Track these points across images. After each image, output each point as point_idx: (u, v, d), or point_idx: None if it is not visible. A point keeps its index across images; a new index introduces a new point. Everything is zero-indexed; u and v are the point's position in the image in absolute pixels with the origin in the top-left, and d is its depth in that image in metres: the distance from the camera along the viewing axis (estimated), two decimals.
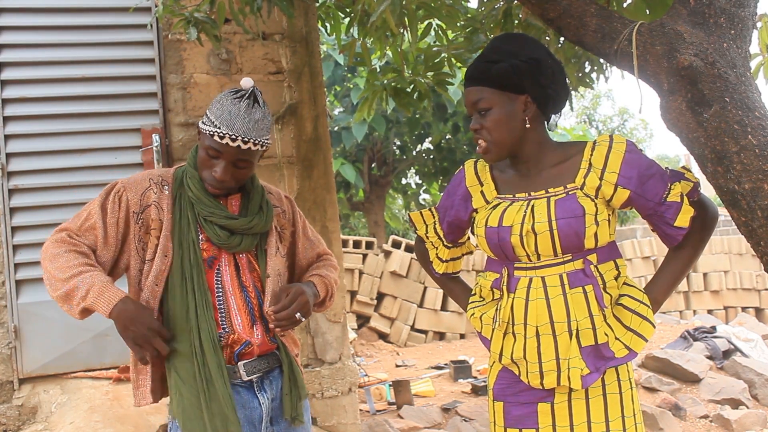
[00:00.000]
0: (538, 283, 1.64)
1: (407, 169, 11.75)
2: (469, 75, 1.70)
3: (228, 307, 1.78)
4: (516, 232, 1.64)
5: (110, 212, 1.75)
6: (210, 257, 1.79)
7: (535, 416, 1.65)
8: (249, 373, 1.79)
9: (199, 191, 1.78)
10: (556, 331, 1.61)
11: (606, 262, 1.66)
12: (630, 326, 1.64)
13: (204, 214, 1.78)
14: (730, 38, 1.65)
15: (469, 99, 1.69)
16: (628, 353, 1.63)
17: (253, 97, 1.74)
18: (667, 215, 1.63)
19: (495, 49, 1.68)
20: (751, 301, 11.66)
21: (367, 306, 8.41)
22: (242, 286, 1.81)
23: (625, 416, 1.64)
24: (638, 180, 1.63)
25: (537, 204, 1.65)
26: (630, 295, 1.67)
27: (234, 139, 1.71)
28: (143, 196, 1.78)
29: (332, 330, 3.79)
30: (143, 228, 1.77)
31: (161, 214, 1.77)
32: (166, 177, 1.83)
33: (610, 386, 1.64)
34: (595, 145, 1.68)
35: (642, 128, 22.76)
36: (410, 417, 4.76)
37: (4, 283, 3.33)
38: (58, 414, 3.19)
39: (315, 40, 3.90)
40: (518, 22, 2.96)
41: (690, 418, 5.23)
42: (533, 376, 1.63)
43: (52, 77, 3.47)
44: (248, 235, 1.82)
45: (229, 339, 1.77)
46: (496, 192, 1.76)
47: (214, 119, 1.73)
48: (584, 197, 1.63)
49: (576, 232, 1.60)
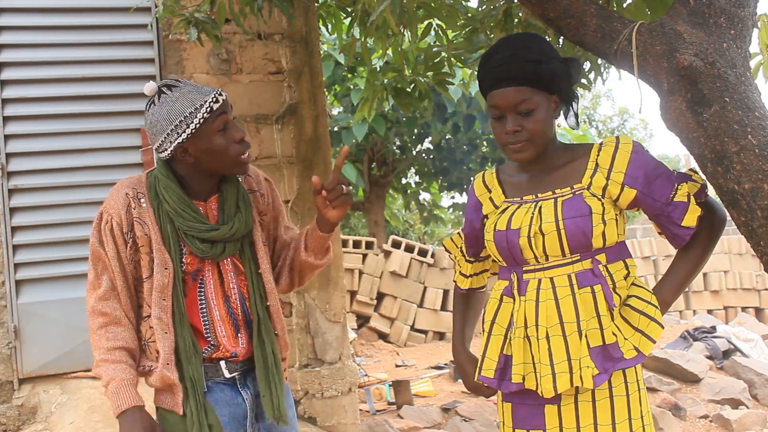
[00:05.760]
0: (547, 284, 1.64)
1: (407, 169, 11.74)
2: (508, 75, 1.62)
3: (212, 319, 1.77)
4: (524, 234, 1.64)
5: (109, 248, 1.72)
6: (195, 270, 1.76)
7: (543, 417, 1.65)
8: (231, 370, 1.79)
9: (176, 203, 1.72)
10: (567, 332, 1.60)
11: (615, 261, 1.66)
12: (638, 327, 1.63)
13: (184, 228, 1.72)
14: (730, 38, 1.65)
15: (510, 100, 1.62)
16: (636, 355, 1.62)
17: (162, 90, 1.73)
18: (674, 215, 1.63)
19: (527, 49, 1.64)
20: (751, 301, 11.65)
21: (367, 306, 8.41)
22: (225, 295, 1.79)
23: (632, 418, 1.63)
24: (645, 180, 1.63)
25: (544, 205, 1.65)
26: (638, 296, 1.66)
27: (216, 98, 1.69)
28: (127, 213, 1.72)
29: (332, 330, 3.79)
30: (133, 246, 1.73)
31: (146, 229, 1.72)
32: (139, 188, 1.76)
33: (617, 388, 1.63)
34: (602, 146, 1.68)
35: (642, 128, 22.77)
36: (410, 417, 4.76)
37: (4, 283, 3.33)
38: (58, 414, 3.19)
39: (315, 40, 3.90)
40: (518, 21, 2.95)
41: (690, 418, 5.23)
42: (545, 380, 1.61)
43: (52, 77, 3.47)
44: (231, 242, 1.77)
45: (214, 354, 1.77)
46: (504, 196, 1.76)
47: (186, 110, 1.67)
48: (591, 197, 1.63)
49: (583, 232, 1.60)
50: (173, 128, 1.68)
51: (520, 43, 1.67)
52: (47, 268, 3.40)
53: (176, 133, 1.68)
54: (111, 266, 1.72)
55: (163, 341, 1.71)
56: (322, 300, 3.76)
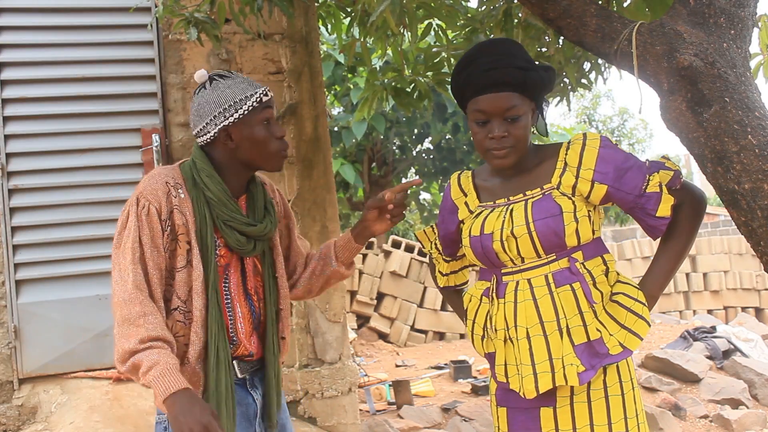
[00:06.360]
0: (525, 285, 1.65)
1: (407, 169, 11.74)
2: (498, 80, 1.62)
3: (235, 315, 1.77)
4: (497, 238, 1.65)
5: (145, 234, 1.64)
6: (225, 264, 1.76)
7: (538, 421, 1.65)
8: (243, 371, 1.79)
9: (220, 192, 1.71)
10: (547, 331, 1.61)
11: (593, 258, 1.66)
12: (624, 324, 1.64)
13: (224, 218, 1.71)
14: (730, 38, 1.65)
15: (501, 105, 1.62)
16: (622, 351, 1.62)
17: (214, 78, 1.76)
18: (648, 206, 1.63)
19: (513, 56, 1.64)
20: (751, 301, 11.66)
21: (367, 306, 8.41)
22: (247, 292, 1.80)
23: (627, 417, 1.64)
24: (615, 174, 1.63)
25: (515, 208, 1.67)
26: (625, 293, 1.67)
27: (266, 92, 1.75)
28: (167, 200, 1.68)
29: (332, 330, 3.79)
30: (170, 235, 1.67)
31: (185, 219, 1.69)
32: (177, 177, 1.73)
33: (612, 388, 1.64)
34: (570, 145, 1.69)
35: (642, 128, 22.74)
36: (410, 417, 4.76)
37: (4, 283, 3.33)
38: (58, 414, 3.19)
39: (315, 40, 3.90)
40: (518, 21, 2.96)
41: (690, 418, 5.23)
42: (527, 381, 1.61)
43: (52, 77, 3.47)
44: (261, 240, 1.79)
45: (237, 350, 1.77)
46: (479, 201, 1.77)
47: (237, 97, 1.71)
48: (561, 196, 1.64)
49: (555, 231, 1.61)
50: (221, 111, 1.70)
51: (503, 49, 1.66)
52: (47, 268, 3.40)
53: (223, 116, 1.71)
54: (146, 253, 1.64)
55: (196, 336, 1.68)
56: (322, 300, 3.76)
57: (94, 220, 3.44)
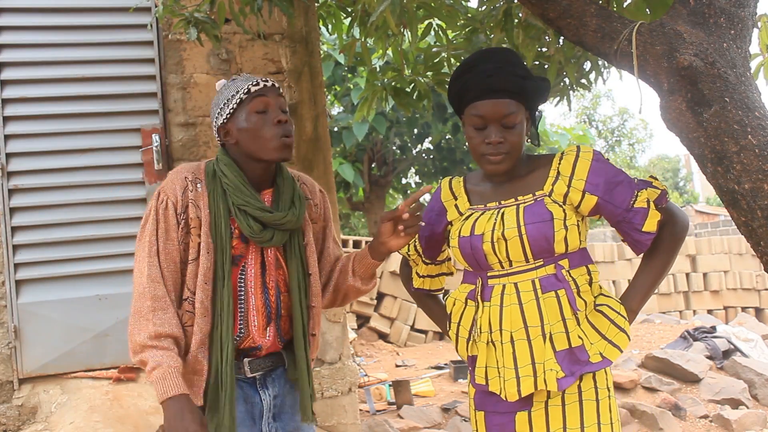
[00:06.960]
0: (512, 290, 1.66)
1: (407, 169, 11.76)
2: (499, 87, 1.64)
3: (248, 307, 1.78)
4: (487, 240, 1.67)
5: (161, 227, 1.73)
6: (238, 255, 1.78)
7: (513, 425, 1.67)
8: (253, 370, 1.80)
9: (236, 178, 1.75)
10: (531, 336, 1.63)
11: (578, 267, 1.69)
12: (606, 335, 1.66)
13: (239, 203, 1.74)
14: (730, 38, 1.65)
15: (499, 111, 1.65)
16: (602, 360, 1.64)
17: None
18: (635, 221, 1.66)
19: (512, 64, 1.68)
20: (751, 301, 11.65)
21: (367, 306, 8.41)
22: (264, 285, 1.80)
23: (601, 423, 1.65)
24: (605, 187, 1.66)
25: (507, 211, 1.69)
26: (609, 306, 1.70)
27: (258, 82, 1.77)
28: (183, 195, 1.75)
29: (332, 330, 3.79)
30: (185, 228, 1.74)
31: (199, 212, 1.75)
32: (198, 173, 1.80)
33: (587, 393, 1.65)
34: (564, 155, 1.72)
35: (642, 128, 22.77)
36: (410, 417, 4.76)
37: (4, 283, 3.33)
38: (58, 414, 3.19)
39: (315, 40, 3.90)
40: (518, 21, 2.96)
41: (690, 418, 5.23)
42: (510, 384, 1.63)
43: (52, 77, 3.47)
44: (280, 230, 1.78)
45: (243, 342, 1.77)
46: (469, 204, 1.79)
47: (230, 94, 1.77)
48: (552, 203, 1.67)
49: (545, 237, 1.63)
50: (218, 111, 1.80)
51: (503, 57, 1.70)
52: (47, 268, 3.39)
53: (220, 115, 1.79)
54: (161, 246, 1.72)
55: (200, 324, 1.71)
56: None
57: (94, 220, 3.44)
